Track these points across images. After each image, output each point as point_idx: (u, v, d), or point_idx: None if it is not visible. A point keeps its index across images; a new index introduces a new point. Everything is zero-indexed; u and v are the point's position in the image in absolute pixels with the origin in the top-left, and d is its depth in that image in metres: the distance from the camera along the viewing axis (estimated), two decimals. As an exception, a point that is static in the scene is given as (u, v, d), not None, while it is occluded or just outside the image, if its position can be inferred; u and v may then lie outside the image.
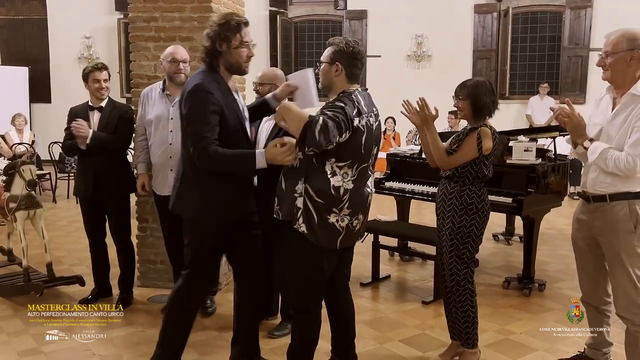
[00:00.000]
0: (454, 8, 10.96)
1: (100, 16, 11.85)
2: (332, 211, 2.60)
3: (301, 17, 12.03)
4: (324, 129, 2.43)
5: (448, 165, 3.05)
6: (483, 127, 3.02)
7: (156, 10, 4.20)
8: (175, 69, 3.72)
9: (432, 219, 6.67)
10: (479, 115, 3.05)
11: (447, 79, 10.62)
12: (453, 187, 3.06)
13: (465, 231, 3.02)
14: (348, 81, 2.69)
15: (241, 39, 2.72)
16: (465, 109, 3.05)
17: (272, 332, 3.60)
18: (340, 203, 2.60)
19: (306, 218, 2.60)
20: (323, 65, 2.73)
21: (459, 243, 3.04)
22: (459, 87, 3.09)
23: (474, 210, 3.02)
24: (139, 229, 4.41)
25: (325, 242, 2.63)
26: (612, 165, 2.61)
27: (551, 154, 4.64)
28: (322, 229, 2.60)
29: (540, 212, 4.37)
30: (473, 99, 3.01)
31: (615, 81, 2.70)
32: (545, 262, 5.20)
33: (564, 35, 10.69)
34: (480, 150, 2.98)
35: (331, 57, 2.69)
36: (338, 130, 2.47)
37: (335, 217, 2.61)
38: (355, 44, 2.72)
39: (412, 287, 4.58)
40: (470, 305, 3.08)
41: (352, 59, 2.68)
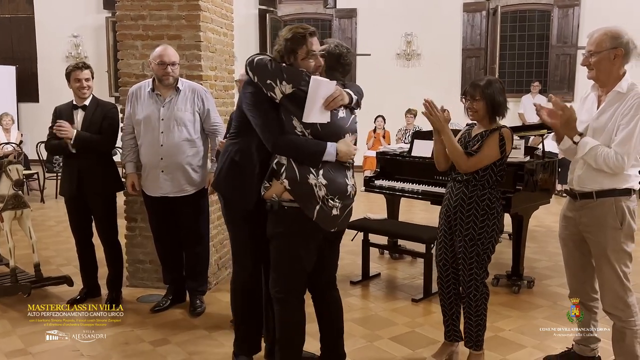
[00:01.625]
0: (443, 7, 11.00)
1: (88, 14, 11.78)
2: (310, 171, 2.61)
3: (290, 16, 12.01)
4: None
5: (469, 168, 2.93)
6: (504, 128, 2.97)
7: (144, 9, 4.17)
8: (164, 72, 3.66)
9: (422, 217, 6.73)
10: (495, 115, 2.97)
11: (436, 77, 10.73)
12: (472, 192, 2.97)
13: (487, 236, 2.96)
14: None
15: (307, 50, 2.67)
16: (481, 110, 2.94)
17: None
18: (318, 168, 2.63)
19: (289, 174, 2.62)
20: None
21: (479, 248, 2.97)
22: (472, 87, 2.97)
23: (495, 215, 2.97)
24: (128, 229, 4.38)
25: (307, 200, 2.62)
26: (601, 162, 2.62)
27: (539, 152, 4.67)
28: (303, 185, 2.60)
29: (528, 210, 4.40)
30: (488, 98, 2.91)
31: (600, 79, 2.72)
32: (534, 259, 5.23)
33: (552, 33, 10.76)
34: (504, 152, 2.93)
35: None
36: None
37: (314, 180, 2.61)
38: (342, 47, 2.81)
39: (402, 285, 4.59)
40: (484, 309, 3.05)
41: (335, 62, 2.78)
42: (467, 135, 3.09)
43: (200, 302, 3.94)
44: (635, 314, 2.75)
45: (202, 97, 3.78)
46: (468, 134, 3.10)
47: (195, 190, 3.78)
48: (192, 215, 3.84)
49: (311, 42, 2.68)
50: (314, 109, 2.59)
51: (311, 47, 2.68)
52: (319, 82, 2.58)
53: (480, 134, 3.00)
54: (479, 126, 3.07)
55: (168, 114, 3.70)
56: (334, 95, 2.61)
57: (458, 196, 3.03)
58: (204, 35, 4.17)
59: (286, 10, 12.01)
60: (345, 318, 3.23)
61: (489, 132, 2.97)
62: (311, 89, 2.57)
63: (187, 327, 3.69)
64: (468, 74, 10.98)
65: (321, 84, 2.58)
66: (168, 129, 3.69)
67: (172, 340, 3.48)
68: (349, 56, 2.85)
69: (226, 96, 4.58)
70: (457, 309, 3.19)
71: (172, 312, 3.92)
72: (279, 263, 2.75)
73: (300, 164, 2.63)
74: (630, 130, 2.58)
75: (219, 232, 4.44)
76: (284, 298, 2.77)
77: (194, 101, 3.74)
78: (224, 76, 4.56)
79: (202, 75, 4.11)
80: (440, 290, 3.23)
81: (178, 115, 3.70)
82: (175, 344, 3.44)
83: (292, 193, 2.63)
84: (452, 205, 3.06)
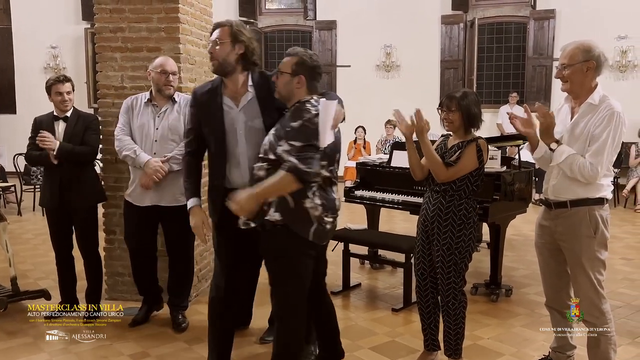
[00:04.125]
0: (422, 19, 11.14)
1: (67, 25, 11.70)
2: (307, 196, 2.63)
3: (271, 27, 12.06)
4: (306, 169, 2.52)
5: (447, 178, 2.99)
6: (480, 139, 3.04)
7: (123, 21, 4.17)
8: (165, 80, 3.68)
9: (402, 227, 6.77)
10: (470, 127, 3.04)
11: (415, 88, 10.82)
12: (449, 201, 3.02)
13: (464, 245, 3.02)
14: (308, 93, 2.72)
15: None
16: (456, 121, 3.01)
17: (264, 337, 3.62)
18: (311, 190, 2.63)
19: (280, 206, 2.62)
20: (283, 75, 2.71)
21: (457, 257, 3.01)
22: (448, 99, 3.03)
23: (471, 224, 3.03)
24: (106, 241, 4.35)
25: (302, 225, 2.65)
26: (576, 171, 2.68)
27: (516, 162, 4.74)
28: (299, 212, 2.62)
29: (506, 219, 4.46)
30: (464, 110, 2.98)
31: (573, 91, 2.79)
32: (512, 267, 5.29)
33: (528, 45, 10.95)
34: (481, 162, 3.01)
35: (293, 68, 2.69)
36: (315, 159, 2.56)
37: (310, 203, 2.63)
38: (316, 57, 2.79)
39: (382, 295, 4.61)
40: (462, 317, 3.10)
41: (314, 73, 2.73)
42: (443, 146, 3.14)
43: (183, 318, 3.89)
44: (609, 321, 2.80)
45: None
46: (444, 145, 3.15)
47: (183, 203, 3.71)
48: (180, 227, 3.70)
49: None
50: (327, 131, 2.56)
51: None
52: (328, 104, 2.55)
53: (457, 144, 3.06)
54: (454, 137, 3.12)
55: (163, 123, 3.72)
56: (338, 111, 2.61)
57: (435, 206, 3.07)
58: (184, 47, 4.18)
59: (266, 22, 12.06)
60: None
61: (466, 143, 3.03)
62: (323, 113, 2.53)
63: (167, 339, 3.66)
64: (446, 85, 11.12)
65: (330, 105, 2.55)
66: (162, 138, 3.70)
67: (152, 354, 3.46)
68: (321, 64, 2.84)
69: (206, 108, 4.58)
70: (436, 317, 3.23)
71: (151, 325, 3.89)
72: (279, 282, 2.75)
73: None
74: (603, 142, 2.65)
75: (199, 243, 4.42)
76: (286, 317, 2.77)
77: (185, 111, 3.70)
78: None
79: (182, 87, 4.11)
80: (419, 299, 3.26)
81: (173, 124, 3.71)
82: (155, 357, 3.42)
83: (285, 221, 2.63)
84: (430, 215, 3.10)
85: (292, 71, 2.69)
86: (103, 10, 4.19)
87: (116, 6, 4.16)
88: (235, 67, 2.84)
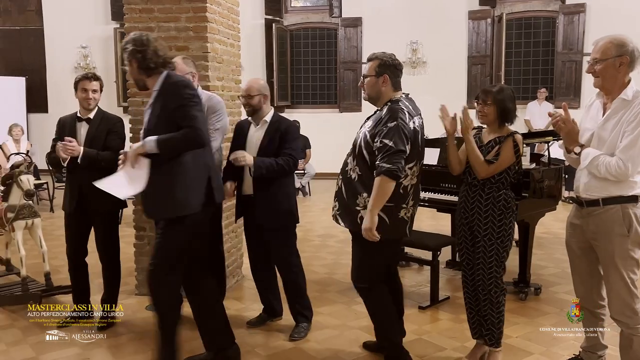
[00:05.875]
0: (449, 14, 11.04)
1: (97, 26, 11.90)
2: (402, 207, 2.94)
3: (296, 25, 12.09)
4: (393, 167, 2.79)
5: (488, 175, 3.09)
6: (516, 133, 3.13)
7: (152, 21, 4.23)
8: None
9: (428, 225, 6.72)
10: (504, 121, 3.14)
11: (442, 85, 10.73)
12: (488, 193, 3.11)
13: (505, 234, 3.12)
14: (394, 90, 3.00)
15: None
16: (491, 114, 3.11)
17: (293, 335, 3.65)
18: (407, 198, 2.95)
19: (377, 225, 2.86)
20: (369, 78, 3.00)
21: (499, 247, 3.12)
22: (484, 92, 3.13)
23: (510, 213, 3.13)
24: (137, 237, 4.43)
25: (397, 234, 2.99)
26: (603, 171, 2.64)
27: (545, 159, 4.68)
28: (394, 226, 2.92)
29: (535, 217, 4.40)
30: (499, 104, 3.08)
31: (605, 87, 2.74)
32: (541, 266, 5.22)
33: (557, 40, 10.77)
34: (518, 156, 3.09)
35: (377, 70, 2.97)
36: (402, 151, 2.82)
37: (404, 211, 2.96)
38: (394, 56, 3.05)
39: (409, 293, 4.59)
40: (503, 305, 3.20)
41: (396, 70, 3.00)
42: (477, 140, 3.20)
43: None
44: (642, 321, 2.75)
45: (211, 106, 3.70)
46: (478, 139, 3.22)
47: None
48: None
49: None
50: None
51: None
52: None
53: (494, 140, 3.15)
54: (488, 131, 3.21)
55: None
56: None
57: (475, 198, 3.15)
58: (211, 46, 4.22)
59: (292, 19, 12.09)
60: (352, 325, 3.26)
61: (503, 138, 3.11)
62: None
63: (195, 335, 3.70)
64: (474, 81, 11.01)
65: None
66: None
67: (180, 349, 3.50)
68: (400, 62, 3.09)
69: (233, 106, 4.62)
70: (482, 307, 3.23)
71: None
72: (363, 256, 3.05)
73: (388, 204, 2.87)
74: (635, 137, 2.60)
75: (226, 240, 4.47)
76: (367, 287, 3.08)
77: (206, 110, 3.71)
78: (230, 86, 4.61)
79: (210, 85, 4.16)
80: (466, 290, 3.31)
81: None
82: (184, 352, 3.46)
83: (383, 236, 2.89)
84: (469, 207, 3.18)
85: (376, 73, 2.98)
86: (132, 10, 4.26)
87: (145, 6, 4.22)
88: (143, 79, 2.99)
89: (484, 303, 3.18)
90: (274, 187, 3.54)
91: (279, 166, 3.48)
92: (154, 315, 3.05)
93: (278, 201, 3.56)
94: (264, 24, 11.64)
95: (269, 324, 3.86)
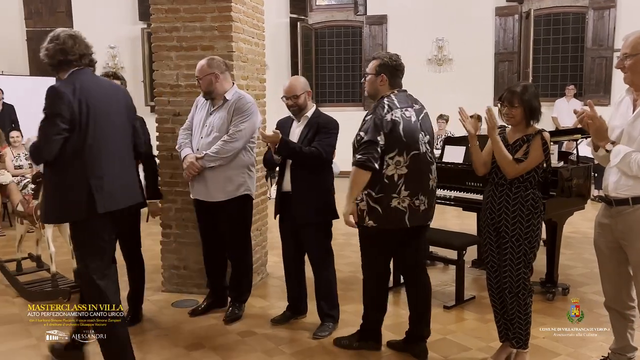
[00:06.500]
0: (475, 11, 10.91)
1: (124, 26, 12.06)
2: (392, 197, 3.05)
3: (321, 24, 12.09)
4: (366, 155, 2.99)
5: (517, 174, 3.05)
6: (543, 131, 3.08)
7: (178, 20, 4.28)
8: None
9: (454, 224, 6.67)
10: (532, 120, 3.09)
11: (468, 82, 10.63)
12: (516, 193, 3.07)
13: (533, 235, 3.07)
14: (390, 89, 3.16)
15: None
16: (518, 116, 3.06)
17: (317, 333, 3.66)
18: (397, 188, 3.04)
19: (371, 214, 3.09)
20: (369, 76, 3.19)
21: (527, 248, 3.07)
22: (509, 94, 3.07)
23: (538, 213, 3.08)
24: (163, 235, 4.48)
25: (392, 224, 3.09)
26: (635, 169, 2.58)
27: (573, 157, 4.60)
28: (387, 215, 3.06)
29: (563, 216, 4.33)
30: (526, 105, 3.03)
31: (635, 83, 2.68)
32: (569, 266, 5.14)
33: (587, 36, 10.57)
34: (547, 154, 3.05)
35: (376, 69, 3.16)
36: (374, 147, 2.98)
37: (397, 201, 3.05)
38: (397, 58, 3.20)
39: (434, 292, 4.49)
40: (530, 306, 3.16)
41: (395, 71, 3.16)
42: (503, 140, 3.15)
43: (237, 311, 3.95)
44: (673, 323, 2.69)
45: (238, 107, 3.74)
46: (504, 138, 3.16)
47: (227, 199, 3.79)
48: (227, 222, 3.85)
49: None
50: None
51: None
52: None
53: (521, 139, 3.09)
54: (514, 130, 3.15)
55: (210, 120, 3.80)
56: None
57: (502, 198, 3.11)
58: (236, 45, 4.25)
59: (317, 18, 12.09)
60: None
61: (531, 137, 3.06)
62: None
63: (220, 332, 3.75)
64: (501, 78, 10.86)
65: None
66: (207, 135, 3.78)
67: (207, 345, 3.55)
68: (402, 63, 3.22)
69: (258, 104, 4.63)
70: (508, 309, 3.19)
71: (206, 317, 3.98)
72: (362, 247, 3.33)
73: (377, 194, 3.05)
74: None
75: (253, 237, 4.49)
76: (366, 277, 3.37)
77: (232, 111, 3.74)
78: (255, 85, 4.63)
79: (235, 84, 4.18)
80: (491, 292, 3.28)
81: (216, 122, 3.77)
82: (210, 348, 3.50)
83: (379, 226, 3.10)
84: (496, 207, 3.13)
85: (376, 72, 3.16)
86: (159, 10, 4.31)
87: (171, 6, 4.27)
88: (59, 75, 2.96)
89: (511, 305, 3.14)
90: (311, 184, 3.56)
91: (301, 153, 3.51)
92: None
93: (315, 197, 3.58)
94: (289, 23, 11.67)
95: (293, 321, 3.88)
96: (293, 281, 3.89)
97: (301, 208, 3.56)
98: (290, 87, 3.63)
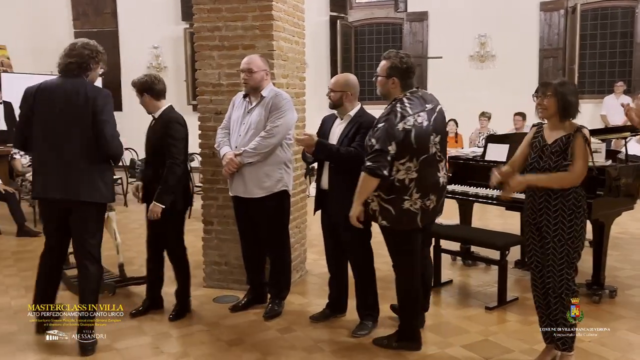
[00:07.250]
0: (519, 6, 10.67)
1: (168, 26, 12.29)
2: (404, 199, 3.14)
3: (361, 21, 12.04)
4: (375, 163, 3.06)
5: (579, 178, 2.94)
6: (583, 127, 2.98)
7: (220, 20, 4.33)
8: (242, 78, 3.83)
9: (496, 223, 6.56)
10: (565, 115, 2.98)
11: (512, 79, 10.41)
12: (556, 192, 2.98)
13: (576, 234, 2.99)
14: (402, 91, 3.21)
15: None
16: (551, 107, 2.97)
17: (356, 332, 3.66)
18: (408, 190, 3.12)
19: (384, 214, 3.18)
20: (380, 78, 3.25)
21: (570, 248, 2.99)
22: (543, 84, 3.05)
23: (581, 212, 2.99)
24: (205, 232, 4.55)
25: (406, 225, 3.19)
26: None
27: (622, 155, 4.46)
28: (399, 216, 3.15)
29: (610, 216, 4.20)
30: (560, 96, 2.94)
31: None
32: (616, 267, 4.99)
33: (636, 31, 10.21)
34: (590, 151, 2.97)
35: (387, 72, 3.21)
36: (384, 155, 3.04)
37: (409, 203, 3.14)
38: (407, 59, 3.23)
39: (475, 293, 4.50)
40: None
41: (406, 73, 3.21)
42: (541, 139, 3.06)
43: (277, 308, 3.98)
44: None
45: (275, 103, 3.78)
46: (541, 138, 3.07)
47: (264, 195, 3.82)
48: (265, 219, 3.89)
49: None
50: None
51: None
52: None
53: (560, 139, 2.98)
54: (549, 127, 3.05)
55: (247, 118, 3.84)
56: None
57: (543, 198, 3.03)
58: (277, 44, 4.27)
59: (357, 15, 12.05)
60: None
61: (570, 136, 2.95)
62: None
63: (260, 328, 3.78)
64: (545, 75, 10.58)
65: None
66: (244, 132, 3.82)
67: (247, 341, 3.58)
68: (413, 63, 3.28)
69: (298, 103, 4.66)
70: (553, 310, 3.12)
71: (247, 313, 4.03)
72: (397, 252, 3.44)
73: (388, 195, 3.14)
74: None
75: (290, 235, 4.51)
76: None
77: (269, 108, 3.78)
78: (295, 83, 4.65)
79: (275, 83, 4.20)
80: (536, 293, 3.21)
81: (253, 119, 3.81)
82: (250, 344, 3.54)
83: (392, 227, 3.21)
84: (537, 208, 3.06)
85: (387, 74, 3.22)
86: (201, 10, 4.37)
87: (214, 6, 4.32)
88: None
89: (555, 306, 3.07)
90: (347, 183, 3.42)
91: (338, 153, 3.49)
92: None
93: (351, 197, 3.45)
94: (329, 21, 11.67)
95: (332, 319, 3.88)
96: (333, 279, 3.89)
97: (337, 207, 3.53)
98: (333, 81, 3.69)
